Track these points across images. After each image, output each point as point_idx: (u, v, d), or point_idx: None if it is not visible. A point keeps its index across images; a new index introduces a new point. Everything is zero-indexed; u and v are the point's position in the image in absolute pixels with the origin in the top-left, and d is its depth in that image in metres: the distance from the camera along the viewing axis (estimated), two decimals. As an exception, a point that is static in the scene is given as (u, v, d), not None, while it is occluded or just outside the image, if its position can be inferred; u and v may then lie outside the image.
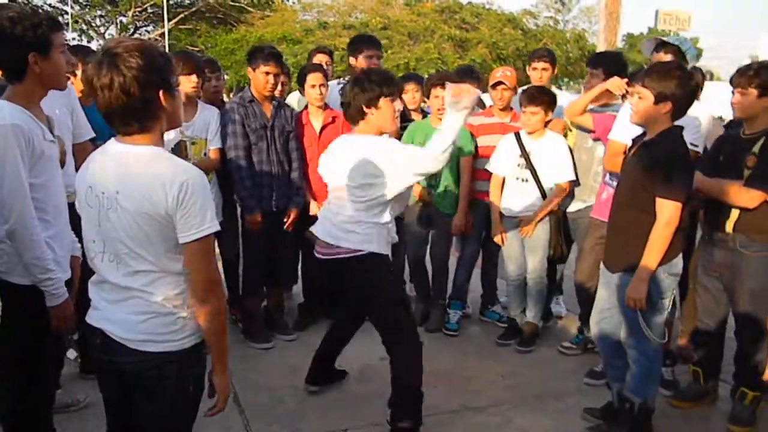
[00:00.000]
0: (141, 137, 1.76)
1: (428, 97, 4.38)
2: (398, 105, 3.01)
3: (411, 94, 4.58)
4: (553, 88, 4.52)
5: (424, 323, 4.44)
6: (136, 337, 1.80)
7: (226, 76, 17.95)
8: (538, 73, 4.52)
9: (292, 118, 4.16)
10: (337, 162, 3.02)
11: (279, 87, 4.16)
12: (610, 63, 4.11)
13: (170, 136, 3.85)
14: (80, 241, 2.18)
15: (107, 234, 1.78)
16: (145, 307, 1.79)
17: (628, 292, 2.82)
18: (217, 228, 1.79)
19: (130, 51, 1.69)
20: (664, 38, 3.77)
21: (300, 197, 4.15)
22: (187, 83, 3.74)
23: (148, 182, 1.71)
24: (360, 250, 2.91)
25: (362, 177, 2.88)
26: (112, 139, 1.82)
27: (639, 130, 2.98)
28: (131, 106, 1.70)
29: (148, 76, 1.70)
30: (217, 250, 4.21)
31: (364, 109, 2.91)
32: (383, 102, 2.91)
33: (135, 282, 1.78)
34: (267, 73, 3.95)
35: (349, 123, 3.07)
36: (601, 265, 3.10)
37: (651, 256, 2.77)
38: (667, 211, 2.73)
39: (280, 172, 4.04)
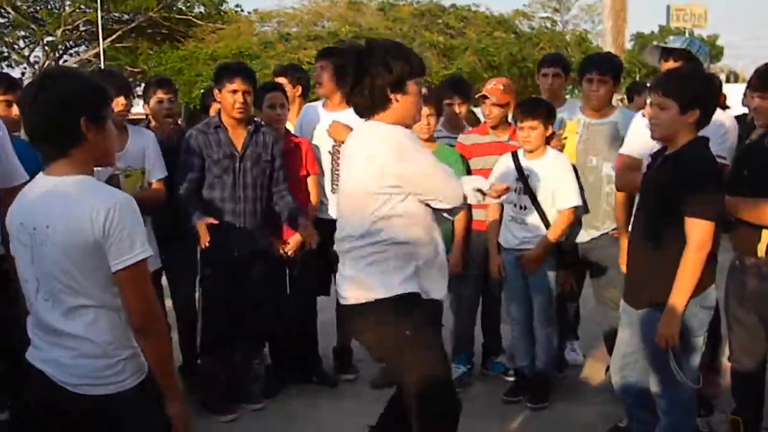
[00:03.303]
0: (66, 166, 1.97)
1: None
2: (423, 89, 2.78)
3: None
4: (568, 97, 4.56)
5: None
6: (74, 380, 1.99)
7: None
8: (549, 80, 4.46)
9: (273, 145, 4.10)
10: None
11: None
12: (618, 67, 4.21)
13: (99, 169, 3.83)
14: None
15: (41, 270, 1.98)
16: (81, 351, 1.98)
17: (660, 330, 2.83)
18: (150, 253, 2.00)
19: (63, 74, 1.98)
20: (667, 43, 3.81)
21: (301, 219, 4.06)
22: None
23: (75, 212, 1.92)
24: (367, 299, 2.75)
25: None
26: (41, 173, 2.04)
27: (653, 144, 3.03)
28: (50, 127, 1.94)
29: (71, 99, 1.93)
30: (169, 303, 4.27)
31: (389, 94, 2.59)
32: (411, 86, 2.64)
33: (70, 324, 1.98)
34: (234, 92, 3.90)
35: (361, 115, 2.75)
36: (622, 303, 3.12)
37: (683, 286, 2.79)
38: (699, 232, 2.76)
39: (249, 210, 4.00)
